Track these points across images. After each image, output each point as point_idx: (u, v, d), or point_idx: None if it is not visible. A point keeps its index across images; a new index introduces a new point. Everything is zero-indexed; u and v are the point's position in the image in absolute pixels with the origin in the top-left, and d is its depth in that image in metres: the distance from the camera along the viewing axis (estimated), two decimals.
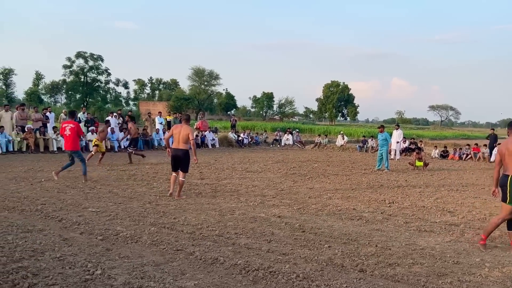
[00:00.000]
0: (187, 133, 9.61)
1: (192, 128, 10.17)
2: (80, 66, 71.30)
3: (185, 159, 9.74)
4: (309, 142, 32.88)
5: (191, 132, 9.74)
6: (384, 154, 17.31)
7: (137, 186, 11.16)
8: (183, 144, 9.66)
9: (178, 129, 9.78)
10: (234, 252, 5.98)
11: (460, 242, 7.12)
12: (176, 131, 9.78)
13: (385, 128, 18.26)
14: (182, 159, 9.71)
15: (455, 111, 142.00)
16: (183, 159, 9.72)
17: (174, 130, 9.87)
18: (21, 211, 8.00)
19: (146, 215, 8.04)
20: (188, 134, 9.61)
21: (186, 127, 9.82)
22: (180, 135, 9.64)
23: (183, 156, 9.71)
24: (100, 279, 4.80)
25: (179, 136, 9.65)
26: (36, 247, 5.84)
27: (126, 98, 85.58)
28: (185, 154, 9.72)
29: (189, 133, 9.64)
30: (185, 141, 9.63)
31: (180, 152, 9.69)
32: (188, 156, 9.79)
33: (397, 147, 23.88)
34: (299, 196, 10.72)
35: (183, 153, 9.70)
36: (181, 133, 9.64)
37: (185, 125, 9.93)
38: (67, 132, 11.51)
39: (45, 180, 11.42)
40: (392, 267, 5.66)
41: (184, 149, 9.69)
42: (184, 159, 9.72)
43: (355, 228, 7.75)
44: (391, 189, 12.39)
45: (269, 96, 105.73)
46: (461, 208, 9.93)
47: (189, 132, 9.64)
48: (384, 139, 17.42)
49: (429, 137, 53.44)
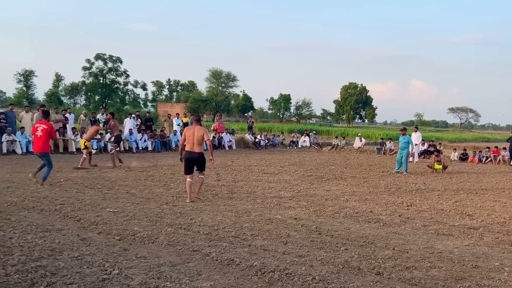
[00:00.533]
0: (202, 134, 9.34)
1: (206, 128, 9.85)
2: (99, 68, 71.97)
3: (201, 160, 9.55)
4: (326, 144, 32.75)
5: (206, 132, 9.50)
6: (404, 157, 17.09)
7: (154, 187, 11.24)
8: (198, 146, 9.35)
9: (191, 131, 9.42)
10: (250, 254, 5.99)
11: (479, 245, 7.02)
12: (189, 133, 9.44)
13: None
14: (198, 160, 9.50)
15: (475, 113, 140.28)
16: (198, 161, 9.52)
17: (187, 132, 9.52)
18: (40, 210, 8.11)
19: (163, 215, 8.09)
20: (203, 135, 9.35)
21: (199, 128, 9.48)
22: (195, 137, 9.32)
23: (199, 158, 9.47)
24: (117, 279, 4.84)
25: (193, 138, 9.33)
26: (55, 247, 5.92)
27: (144, 99, 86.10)
28: (200, 156, 9.46)
29: (204, 133, 9.38)
30: (200, 143, 9.35)
31: (196, 155, 9.41)
32: (203, 158, 9.56)
33: (416, 150, 23.64)
34: (316, 198, 10.69)
35: (199, 155, 9.44)
36: (196, 135, 9.32)
37: (198, 126, 9.55)
38: (38, 133, 10.77)
39: (64, 181, 11.57)
40: (409, 271, 5.61)
41: (199, 152, 9.41)
42: (200, 161, 9.52)
43: (372, 230, 7.69)
44: (409, 192, 12.28)
45: (286, 97, 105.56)
46: (480, 212, 9.80)
47: (203, 133, 9.39)
48: (406, 141, 17.16)
49: (448, 140, 52.78)
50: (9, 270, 4.91)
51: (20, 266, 5.06)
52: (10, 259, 5.30)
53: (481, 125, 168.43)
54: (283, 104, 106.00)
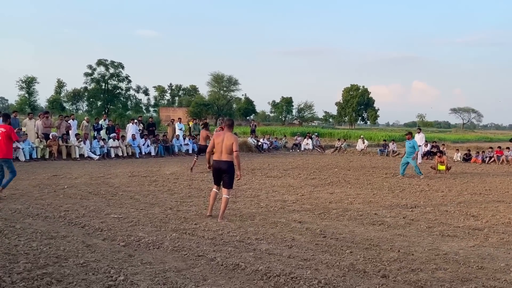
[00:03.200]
0: (231, 143, 8.11)
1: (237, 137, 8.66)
2: (101, 74, 72.12)
3: (229, 173, 8.26)
4: (329, 146, 32.74)
5: (236, 141, 8.17)
6: (411, 161, 16.53)
7: (158, 192, 11.24)
8: (226, 155, 8.15)
9: (221, 138, 8.22)
10: (255, 258, 5.98)
11: (484, 246, 7.01)
12: (218, 140, 8.23)
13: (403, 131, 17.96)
14: (227, 172, 8.25)
15: (477, 113, 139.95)
16: (227, 173, 8.26)
17: (216, 139, 8.28)
18: (45, 217, 8.12)
19: (168, 221, 8.09)
20: (232, 144, 8.11)
21: (229, 135, 8.23)
22: (224, 144, 8.13)
23: (227, 169, 8.21)
24: (123, 285, 4.85)
25: (222, 145, 8.15)
26: (60, 254, 5.92)
27: (147, 104, 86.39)
28: (230, 166, 8.21)
29: (233, 142, 8.12)
30: (229, 151, 8.12)
31: (224, 165, 8.18)
32: (233, 169, 8.26)
33: (420, 151, 23.61)
34: (320, 201, 10.68)
35: (228, 165, 8.20)
36: (225, 143, 8.13)
37: (228, 133, 8.28)
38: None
39: (68, 187, 11.58)
40: (415, 273, 5.60)
41: (228, 161, 8.17)
42: (228, 172, 8.25)
43: (377, 233, 7.69)
44: (413, 194, 12.26)
45: (288, 100, 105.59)
46: (485, 212, 9.78)
47: (233, 142, 8.12)
48: (412, 146, 16.58)
49: (451, 140, 52.60)
50: (15, 278, 4.92)
51: (26, 274, 5.06)
52: (15, 266, 5.31)
53: (483, 125, 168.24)
54: (285, 107, 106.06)
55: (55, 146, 19.28)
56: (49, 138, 19.47)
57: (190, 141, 25.05)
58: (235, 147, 8.12)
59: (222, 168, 8.24)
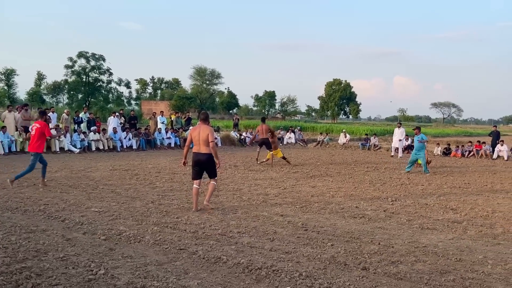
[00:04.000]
0: (207, 134, 8.40)
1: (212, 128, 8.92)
2: (82, 66, 71.36)
3: (209, 164, 8.59)
4: (311, 140, 32.84)
5: (211, 132, 8.49)
6: (421, 159, 16.23)
7: (139, 186, 11.18)
8: (204, 147, 8.43)
9: (197, 131, 8.55)
10: (237, 251, 5.99)
11: (462, 239, 7.12)
12: (195, 133, 8.56)
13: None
14: (206, 164, 8.57)
15: (457, 108, 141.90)
16: (207, 164, 8.58)
17: (193, 133, 8.63)
18: (24, 211, 8.02)
19: (149, 214, 8.05)
20: (208, 135, 8.42)
21: (205, 127, 8.54)
22: (200, 137, 8.43)
23: (206, 160, 8.52)
24: (103, 279, 4.82)
25: (199, 138, 8.44)
26: (39, 248, 5.86)
27: (128, 97, 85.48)
28: (208, 158, 8.51)
29: (208, 133, 8.42)
30: (206, 143, 8.40)
31: (203, 157, 8.48)
32: (212, 160, 8.58)
33: (400, 145, 23.87)
34: (302, 194, 10.73)
35: (206, 157, 8.49)
36: (201, 135, 8.43)
37: (204, 125, 8.61)
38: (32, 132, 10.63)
39: (48, 181, 11.43)
40: (395, 265, 5.66)
41: (207, 153, 8.46)
42: (208, 163, 8.57)
43: (358, 226, 7.75)
44: (393, 187, 12.38)
45: (271, 94, 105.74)
46: (464, 206, 9.92)
47: (208, 133, 8.43)
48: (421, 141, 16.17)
49: (432, 135, 53.23)
50: None
51: (4, 268, 5.00)
52: None
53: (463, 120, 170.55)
54: (268, 101, 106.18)
55: None
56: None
57: (172, 135, 24.92)
58: (210, 138, 8.41)
59: (201, 159, 8.52)
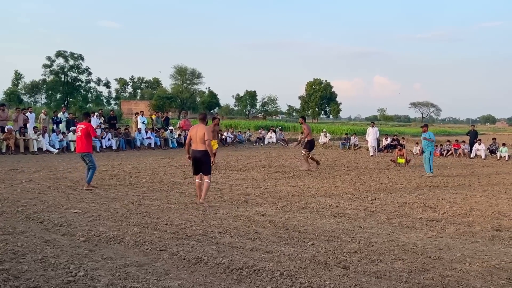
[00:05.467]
0: (203, 133, 8.95)
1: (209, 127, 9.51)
2: (60, 66, 70.44)
3: (205, 161, 9.12)
4: (292, 140, 32.93)
5: (207, 131, 9.04)
6: (428, 156, 15.71)
7: (119, 187, 11.09)
8: (201, 145, 9.02)
9: (195, 130, 9.14)
10: (218, 251, 5.98)
11: (441, 237, 7.21)
12: (193, 132, 9.18)
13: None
14: (202, 160, 9.11)
15: (436, 107, 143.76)
16: (202, 161, 9.12)
17: (191, 131, 9.26)
18: (1, 213, 7.89)
19: (129, 215, 7.99)
20: (204, 134, 8.96)
21: (201, 127, 9.12)
22: (197, 135, 9.03)
23: (202, 157, 9.07)
24: (83, 281, 4.76)
25: (196, 136, 9.05)
26: (18, 250, 5.77)
27: (108, 97, 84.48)
28: (203, 154, 9.06)
29: (204, 132, 8.96)
30: (202, 141, 8.99)
31: (199, 154, 9.07)
32: (208, 157, 9.12)
33: (375, 144, 24.25)
34: (283, 194, 10.76)
35: (202, 154, 9.05)
36: (198, 133, 9.03)
37: (201, 125, 9.21)
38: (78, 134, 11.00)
39: (26, 181, 11.28)
40: (374, 263, 5.71)
41: (202, 150, 9.03)
42: (203, 160, 9.11)
43: (338, 225, 7.80)
44: (373, 186, 12.50)
45: (252, 94, 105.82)
46: (442, 204, 10.06)
47: (204, 132, 8.97)
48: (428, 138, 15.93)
49: (411, 134, 53.79)
50: None
51: None
52: None
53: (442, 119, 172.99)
54: (249, 101, 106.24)
55: (12, 140, 18.73)
56: (4, 132, 18.90)
57: (153, 135, 24.76)
58: (206, 136, 8.94)
59: (197, 156, 9.10)
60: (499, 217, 8.84)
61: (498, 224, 8.25)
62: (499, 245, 6.83)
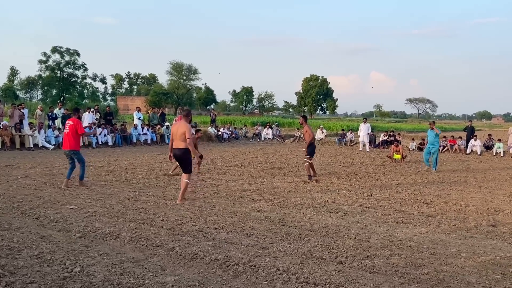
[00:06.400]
0: (183, 131, 8.63)
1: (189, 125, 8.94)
2: (56, 61, 70.25)
3: (184, 159, 8.88)
4: (289, 136, 32.96)
5: (187, 129, 8.64)
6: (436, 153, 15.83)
7: (115, 183, 11.07)
8: (180, 142, 8.75)
9: (176, 127, 8.90)
10: (214, 247, 5.99)
11: (437, 233, 7.24)
12: (174, 129, 8.93)
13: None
14: (180, 158, 8.91)
15: (432, 103, 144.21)
16: (181, 159, 8.91)
17: (172, 128, 9.04)
18: None
19: (125, 211, 7.98)
20: (185, 132, 8.62)
21: (183, 124, 8.77)
22: (178, 133, 8.74)
23: (181, 155, 8.83)
24: (79, 276, 4.76)
25: (177, 133, 8.77)
26: (13, 245, 5.76)
27: (104, 93, 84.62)
28: (183, 153, 8.80)
29: (185, 130, 8.62)
30: (182, 139, 8.69)
31: (178, 151, 8.82)
32: (187, 155, 8.84)
33: (366, 140, 24.36)
34: (279, 190, 10.76)
35: (182, 152, 8.79)
36: (178, 131, 8.74)
37: (182, 122, 8.88)
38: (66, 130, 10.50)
39: (22, 177, 11.25)
40: (370, 259, 5.73)
41: (182, 148, 8.76)
42: (183, 158, 8.88)
43: (334, 221, 7.82)
44: (369, 182, 12.52)
45: (249, 90, 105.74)
46: (438, 200, 10.09)
47: (185, 130, 8.63)
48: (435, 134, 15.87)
49: (407, 130, 54.06)
50: None
51: None
52: None
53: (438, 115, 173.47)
54: (246, 97, 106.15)
55: (8, 136, 18.67)
56: (0, 128, 18.83)
57: (149, 131, 24.72)
58: (187, 135, 8.61)
59: (177, 154, 8.88)
60: (494, 213, 8.88)
61: (493, 219, 8.28)
62: (494, 241, 6.87)
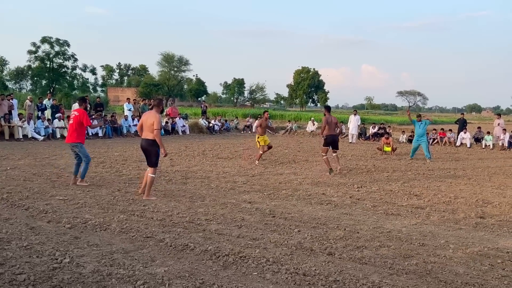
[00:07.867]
0: (152, 122, 8.18)
1: (160, 116, 8.61)
2: (45, 52, 69.53)
3: (150, 151, 8.36)
4: (280, 128, 32.98)
5: (157, 120, 8.19)
6: (423, 144, 16.48)
7: (105, 174, 11.03)
8: (147, 133, 8.28)
9: (146, 117, 8.40)
10: (205, 238, 6.00)
11: (425, 224, 7.30)
12: (144, 118, 8.43)
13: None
14: (147, 150, 8.38)
15: (422, 96, 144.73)
16: (146, 150, 8.40)
17: (143, 117, 8.50)
18: None
19: (115, 202, 7.96)
20: (153, 123, 8.19)
21: (153, 114, 8.32)
22: (147, 123, 8.28)
23: (147, 147, 8.33)
24: (69, 267, 4.75)
25: (146, 124, 8.30)
26: (2, 236, 5.73)
27: (94, 84, 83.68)
28: (150, 145, 8.29)
29: (154, 121, 8.18)
30: (150, 130, 8.22)
31: (144, 143, 8.35)
32: (152, 148, 8.32)
33: (355, 132, 24.57)
34: (270, 182, 10.78)
35: (148, 143, 8.29)
36: (147, 121, 8.27)
37: (153, 112, 8.40)
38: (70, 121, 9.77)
39: (11, 169, 11.17)
40: (359, 250, 5.77)
41: (149, 139, 8.28)
42: (149, 150, 8.37)
43: (324, 212, 7.85)
44: (359, 174, 12.58)
45: (240, 82, 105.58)
46: (427, 192, 10.16)
47: (154, 120, 8.18)
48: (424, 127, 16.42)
49: (397, 123, 54.20)
50: None
51: None
52: None
53: (428, 108, 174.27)
54: (237, 89, 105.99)
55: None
56: None
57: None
58: (155, 126, 8.17)
59: (143, 145, 8.42)
60: (483, 205, 8.97)
61: (481, 211, 8.36)
62: (482, 232, 6.94)
